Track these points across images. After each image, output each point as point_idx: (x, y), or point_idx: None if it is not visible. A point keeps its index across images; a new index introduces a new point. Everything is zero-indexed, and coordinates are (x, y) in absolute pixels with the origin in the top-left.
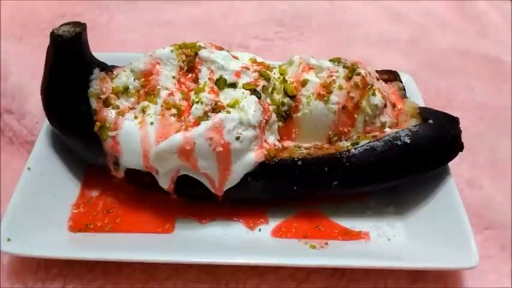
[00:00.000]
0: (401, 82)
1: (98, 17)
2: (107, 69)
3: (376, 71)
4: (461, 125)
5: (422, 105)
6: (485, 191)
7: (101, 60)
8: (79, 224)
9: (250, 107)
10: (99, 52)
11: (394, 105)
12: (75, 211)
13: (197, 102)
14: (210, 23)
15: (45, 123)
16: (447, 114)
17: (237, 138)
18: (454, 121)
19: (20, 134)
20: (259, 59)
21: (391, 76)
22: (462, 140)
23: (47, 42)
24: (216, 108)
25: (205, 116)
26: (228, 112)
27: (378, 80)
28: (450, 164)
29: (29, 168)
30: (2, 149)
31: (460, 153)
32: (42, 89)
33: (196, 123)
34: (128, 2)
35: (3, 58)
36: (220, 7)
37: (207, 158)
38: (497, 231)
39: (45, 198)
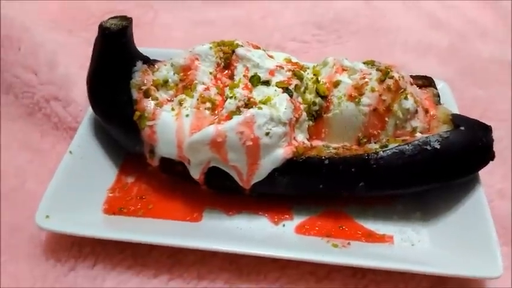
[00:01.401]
0: (436, 88)
1: (142, 15)
2: (149, 62)
3: (411, 76)
4: (496, 135)
5: (457, 112)
6: None
7: (144, 54)
8: (113, 208)
9: (282, 105)
10: (142, 47)
11: (426, 111)
12: (111, 195)
13: (231, 97)
14: (250, 24)
15: (89, 111)
16: (480, 122)
17: (267, 134)
18: (486, 129)
19: (64, 121)
20: (294, 59)
21: (425, 82)
22: (494, 150)
23: (94, 36)
24: (249, 104)
25: (237, 110)
26: (260, 108)
27: (411, 84)
28: (481, 173)
29: (70, 152)
30: (48, 134)
31: (491, 162)
32: (88, 77)
33: (229, 117)
34: (172, 2)
35: (53, 49)
36: (260, 9)
37: (237, 151)
38: None
39: (83, 180)
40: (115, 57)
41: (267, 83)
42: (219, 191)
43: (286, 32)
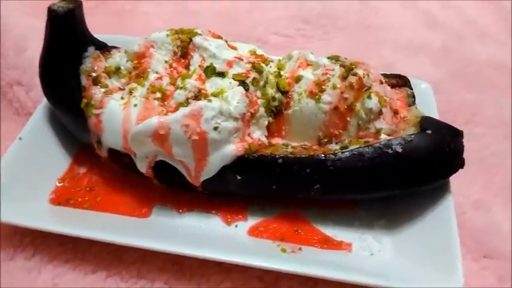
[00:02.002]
0: (411, 89)
1: (124, 3)
2: (106, 49)
3: (385, 75)
4: (482, 143)
5: (436, 116)
6: (492, 216)
7: (112, 43)
8: (60, 198)
9: (234, 98)
10: (109, 35)
11: (396, 112)
12: (60, 185)
13: (181, 88)
14: (235, 16)
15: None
16: (450, 126)
17: (215, 129)
18: (456, 134)
19: (25, 106)
20: (259, 51)
21: (400, 81)
22: (476, 158)
23: None
24: (198, 96)
25: (186, 102)
26: (209, 100)
27: (381, 83)
28: (459, 181)
29: (20, 138)
30: (9, 119)
31: (469, 171)
32: (39, 62)
33: (177, 109)
34: None
35: (23, 33)
36: (248, 1)
37: (182, 145)
38: (496, 261)
39: (32, 168)
40: (63, 41)
41: (222, 74)
42: (171, 186)
43: (269, 26)
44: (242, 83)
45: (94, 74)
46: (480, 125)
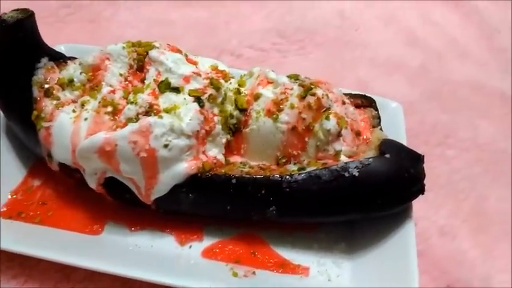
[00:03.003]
0: (377, 110)
1: (102, 10)
2: (62, 60)
3: (350, 95)
4: (453, 166)
5: (403, 137)
6: (458, 244)
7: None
8: (12, 211)
9: (187, 115)
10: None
11: (358, 134)
12: (13, 197)
13: (131, 103)
14: (211, 27)
15: None
16: (411, 150)
17: (165, 146)
18: (417, 159)
19: None
20: (221, 67)
21: (365, 102)
22: (445, 182)
23: (49, 31)
24: (149, 112)
25: (135, 118)
26: (160, 117)
27: (343, 103)
28: (425, 206)
29: None
30: None
31: (434, 196)
32: None
33: (126, 124)
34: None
35: None
36: (227, 12)
37: (130, 162)
38: None
39: None
40: (14, 52)
41: (176, 90)
42: (126, 203)
43: (244, 38)
44: (197, 99)
45: (46, 86)
46: (452, 147)
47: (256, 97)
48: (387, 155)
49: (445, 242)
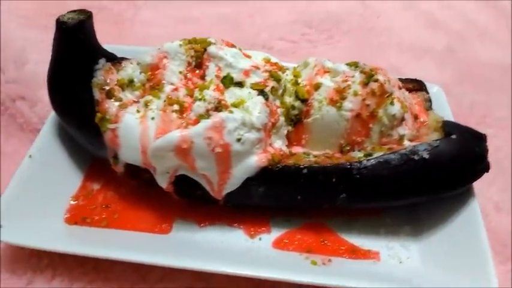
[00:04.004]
0: (428, 93)
1: (123, 11)
2: (116, 60)
3: (401, 80)
4: (495, 144)
5: (451, 119)
6: None
7: (116, 53)
8: (76, 217)
9: (255, 108)
10: (114, 45)
11: (416, 117)
12: (74, 203)
13: (200, 100)
14: (237, 22)
15: (53, 111)
16: (473, 129)
17: (238, 140)
18: (480, 138)
19: (30, 121)
20: (273, 60)
21: (416, 86)
22: (491, 160)
23: None
24: (219, 107)
25: (206, 114)
26: (231, 112)
27: (400, 88)
28: (477, 184)
29: (30, 156)
30: (12, 136)
31: (486, 174)
32: (48, 75)
33: (197, 121)
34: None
35: (22, 46)
36: (250, 7)
37: (206, 158)
38: None
39: (44, 187)
40: (73, 54)
41: (240, 84)
42: (192, 200)
43: (273, 31)
44: (261, 93)
45: (107, 87)
46: (492, 127)
47: (317, 87)
48: (453, 136)
49: (503, 217)
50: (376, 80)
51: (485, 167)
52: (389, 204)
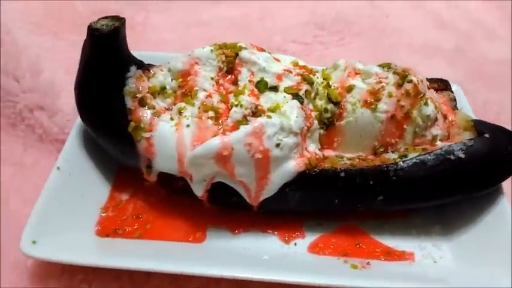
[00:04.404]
0: (452, 92)
1: (134, 15)
2: (144, 67)
3: (427, 80)
4: None
5: (473, 117)
6: None
7: (143, 60)
8: (107, 229)
9: (292, 113)
10: (134, 50)
11: (445, 117)
12: (104, 215)
13: (236, 105)
14: (248, 25)
15: (77, 121)
16: (503, 128)
17: (277, 145)
18: (511, 136)
19: (50, 132)
20: (301, 62)
21: (441, 85)
22: None
23: (82, 38)
24: (256, 112)
25: (244, 120)
26: (269, 117)
27: (428, 88)
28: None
29: (58, 168)
30: (31, 147)
31: None
32: (77, 84)
33: (235, 127)
34: (165, 2)
35: (36, 53)
36: (258, 9)
37: (245, 164)
38: None
39: (73, 199)
40: (106, 62)
41: (275, 88)
42: (224, 207)
43: (286, 34)
44: (296, 96)
45: (139, 95)
46: (507, 124)
47: (349, 89)
48: (486, 135)
49: None
50: (410, 81)
51: None
52: (425, 205)
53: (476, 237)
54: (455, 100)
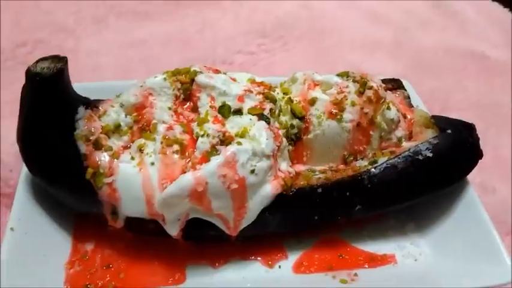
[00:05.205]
0: (406, 90)
1: (63, 42)
2: (92, 104)
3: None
4: None
5: (425, 110)
6: (499, 195)
7: (79, 91)
8: (77, 286)
9: (262, 135)
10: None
11: (404, 116)
12: (71, 270)
13: (202, 135)
14: (187, 39)
15: (23, 171)
16: (462, 121)
17: (252, 172)
18: (470, 128)
19: None
20: (257, 79)
21: (395, 84)
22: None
23: (11, 76)
24: (225, 140)
25: (213, 150)
26: (239, 143)
27: (386, 91)
28: None
29: (12, 229)
30: None
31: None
32: (19, 135)
33: (205, 159)
34: (93, 24)
35: None
36: (194, 21)
37: (222, 197)
38: None
39: (35, 260)
40: (52, 107)
41: (239, 112)
42: (200, 241)
43: (229, 45)
44: (261, 117)
45: (93, 138)
46: (454, 110)
47: (312, 102)
48: (449, 131)
49: (489, 196)
50: (371, 87)
51: (479, 155)
52: (400, 207)
53: (449, 229)
54: (409, 98)
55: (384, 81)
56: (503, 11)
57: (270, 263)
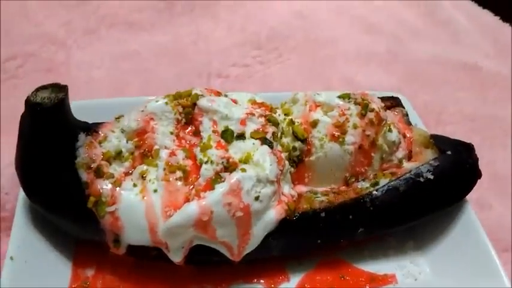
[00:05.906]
0: (404, 108)
1: (53, 56)
2: (91, 129)
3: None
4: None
5: (423, 128)
6: (495, 211)
7: (76, 110)
8: None
9: (265, 160)
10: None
11: (404, 135)
12: None
13: (206, 162)
14: (181, 51)
15: (20, 196)
16: (461, 141)
17: (256, 198)
18: (469, 148)
19: None
20: (257, 99)
21: (393, 102)
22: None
23: (2, 91)
24: (229, 167)
25: (217, 177)
26: (243, 170)
27: (385, 110)
28: None
29: (11, 258)
30: None
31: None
32: (19, 164)
33: (209, 186)
34: (84, 36)
35: None
36: (187, 32)
37: (226, 225)
38: None
39: None
40: (53, 137)
41: (242, 136)
42: (203, 266)
43: (224, 57)
44: (264, 141)
45: (94, 165)
46: (447, 123)
47: (314, 124)
48: (448, 152)
49: (485, 213)
50: (372, 110)
51: (478, 175)
52: (401, 228)
53: (448, 248)
54: (407, 115)
55: (382, 99)
56: (494, 18)
57: (272, 286)
